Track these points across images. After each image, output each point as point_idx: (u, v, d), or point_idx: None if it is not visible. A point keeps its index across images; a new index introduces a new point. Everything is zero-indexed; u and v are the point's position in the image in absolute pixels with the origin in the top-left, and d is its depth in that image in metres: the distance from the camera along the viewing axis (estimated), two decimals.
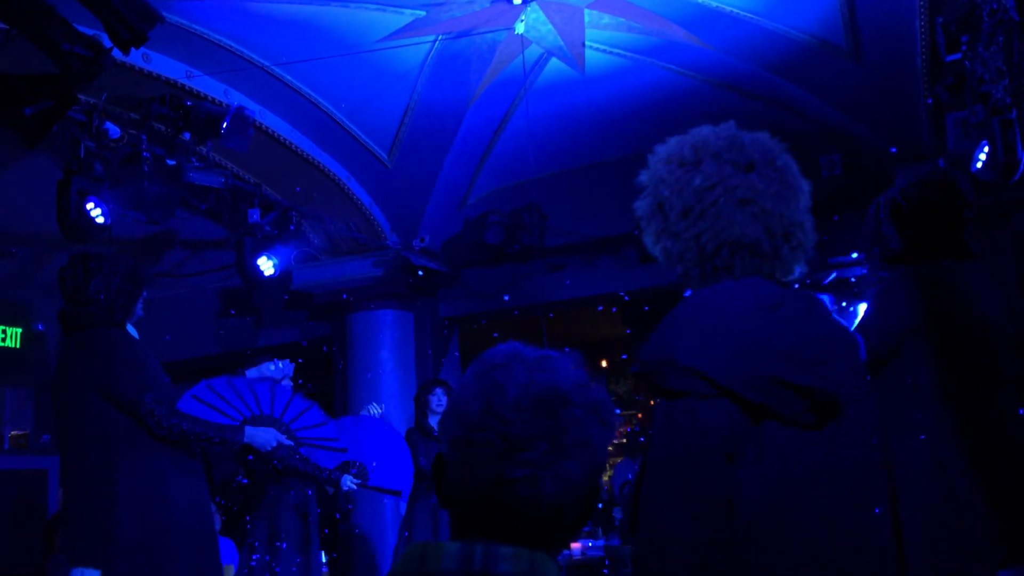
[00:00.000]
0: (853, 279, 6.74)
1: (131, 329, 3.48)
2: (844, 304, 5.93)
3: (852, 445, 1.59)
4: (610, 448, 1.20)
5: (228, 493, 7.23)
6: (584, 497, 1.12)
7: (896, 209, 2.98)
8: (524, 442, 1.07)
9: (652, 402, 1.70)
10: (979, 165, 5.04)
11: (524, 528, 1.09)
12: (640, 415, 11.94)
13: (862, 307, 6.10)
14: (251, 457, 4.97)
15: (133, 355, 3.35)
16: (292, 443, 3.82)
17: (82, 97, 5.13)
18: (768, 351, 1.53)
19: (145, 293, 3.55)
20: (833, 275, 6.99)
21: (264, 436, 3.63)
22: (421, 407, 5.95)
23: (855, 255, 6.79)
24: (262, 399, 3.97)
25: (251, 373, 4.13)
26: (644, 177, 1.72)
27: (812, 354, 1.54)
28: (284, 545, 5.07)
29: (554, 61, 6.22)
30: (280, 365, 4.23)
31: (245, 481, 6.18)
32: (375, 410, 5.86)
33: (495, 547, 1.07)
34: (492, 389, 1.10)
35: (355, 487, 5.22)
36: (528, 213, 7.15)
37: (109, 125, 5.33)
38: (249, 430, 3.56)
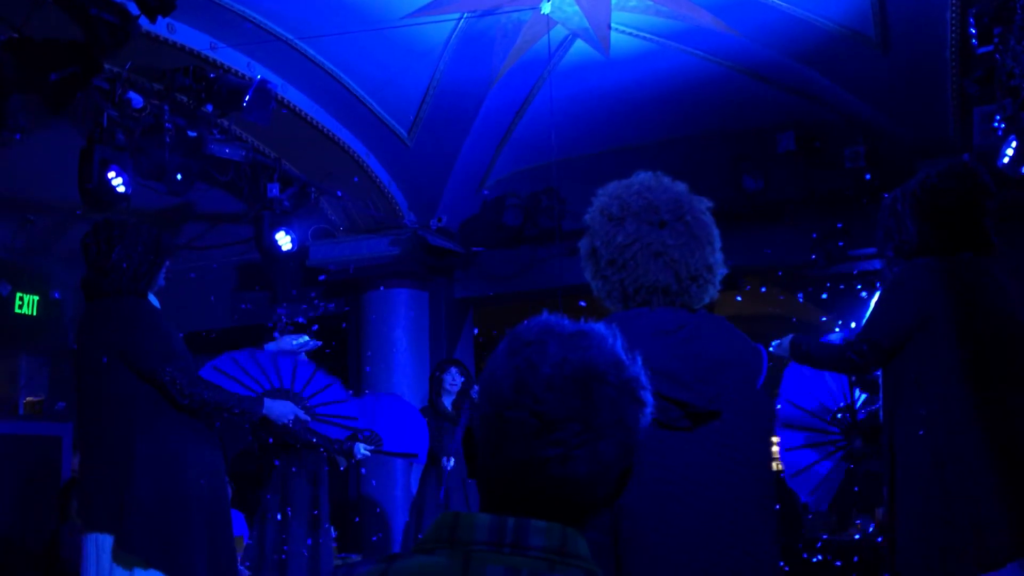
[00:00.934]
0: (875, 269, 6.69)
1: (152, 299, 3.49)
2: (865, 294, 5.90)
3: (727, 447, 1.87)
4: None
5: (239, 465, 7.27)
6: (617, 475, 1.12)
7: (916, 202, 2.94)
8: (557, 422, 1.06)
9: None
10: (1006, 160, 4.98)
11: (555, 505, 1.07)
12: None
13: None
14: (270, 440, 5.00)
15: (155, 324, 3.36)
16: (308, 418, 3.81)
17: (106, 66, 5.12)
18: (650, 369, 1.74)
19: (168, 263, 3.55)
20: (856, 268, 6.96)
21: (282, 409, 3.63)
22: (435, 386, 5.95)
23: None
24: (283, 373, 3.97)
25: (270, 347, 4.14)
26: (587, 218, 2.05)
27: (691, 374, 1.85)
28: (295, 518, 5.09)
29: (579, 43, 6.18)
30: (301, 340, 4.24)
31: (257, 453, 6.19)
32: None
33: (527, 520, 1.06)
34: (525, 367, 1.08)
35: (368, 454, 5.24)
36: (547, 196, 7.12)
37: (132, 94, 5.33)
38: (267, 402, 3.56)
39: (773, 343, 3.10)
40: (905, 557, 2.80)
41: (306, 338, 4.19)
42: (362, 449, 5.16)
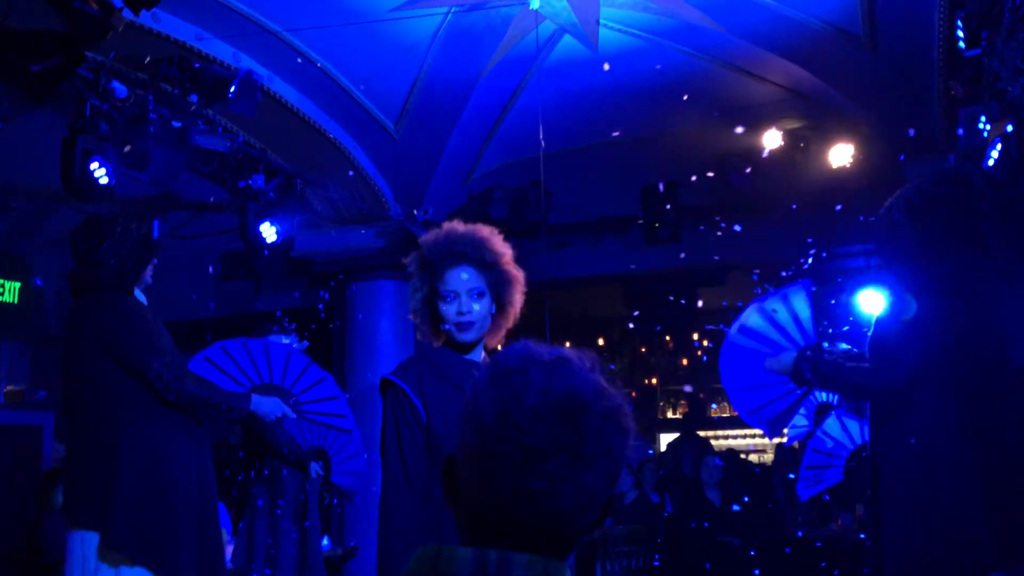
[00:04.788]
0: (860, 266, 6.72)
1: (139, 295, 3.47)
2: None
3: None
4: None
5: (223, 458, 7.24)
6: (602, 504, 1.11)
7: (912, 209, 2.92)
8: (544, 453, 1.04)
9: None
10: (991, 162, 5.00)
11: (540, 537, 1.06)
12: (634, 393, 11.98)
13: (862, 296, 6.05)
14: (240, 454, 4.94)
15: (141, 320, 3.35)
16: (294, 415, 3.77)
17: (89, 55, 5.06)
18: None
19: (156, 260, 3.55)
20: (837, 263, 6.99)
21: (270, 406, 3.59)
22: None
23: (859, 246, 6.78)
24: (275, 367, 3.91)
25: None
26: None
27: None
28: (283, 514, 5.08)
29: (567, 38, 6.15)
30: (288, 341, 4.21)
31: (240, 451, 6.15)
32: None
33: (509, 554, 1.04)
34: (509, 397, 1.06)
35: (318, 475, 5.15)
36: (534, 190, 7.10)
37: (116, 84, 5.27)
38: (255, 398, 3.53)
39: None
40: (890, 567, 2.81)
41: (294, 339, 4.15)
42: (314, 470, 5.09)
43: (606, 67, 6.13)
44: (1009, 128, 4.77)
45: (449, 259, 2.53)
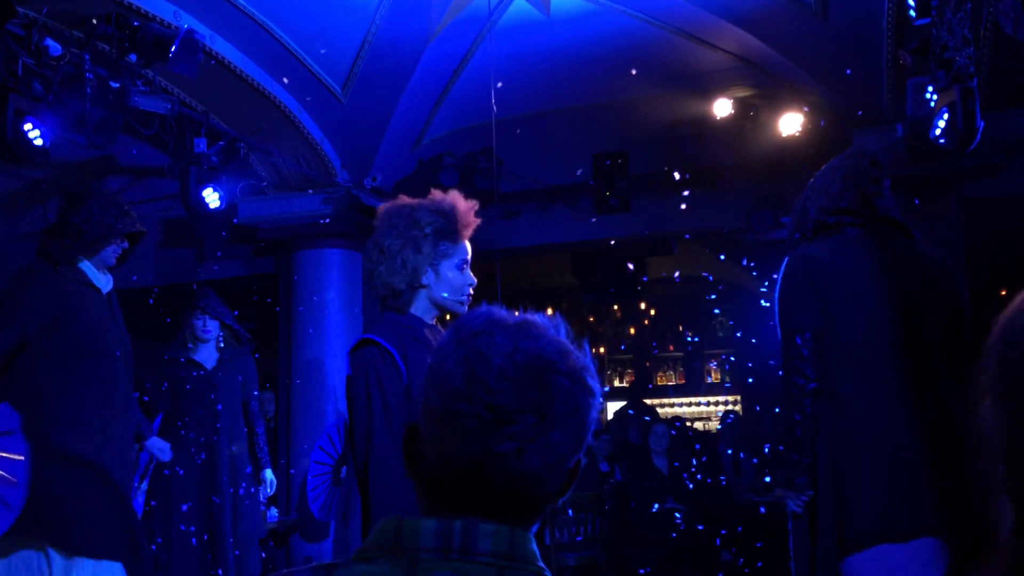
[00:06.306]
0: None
1: (89, 268, 3.37)
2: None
3: None
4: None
5: None
6: (570, 468, 1.08)
7: (819, 185, 2.98)
8: (512, 414, 1.02)
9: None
10: (937, 132, 5.05)
11: (506, 502, 1.04)
12: None
13: None
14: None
15: (29, 293, 3.23)
16: None
17: (20, 10, 4.85)
18: None
19: (126, 244, 3.47)
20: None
21: None
22: None
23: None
24: None
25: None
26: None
27: None
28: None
29: (519, 1, 6.06)
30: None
31: None
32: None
33: (475, 523, 1.02)
34: (475, 358, 1.04)
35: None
36: (484, 157, 7.03)
37: (50, 42, 5.05)
38: None
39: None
40: (792, 536, 2.84)
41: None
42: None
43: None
44: (955, 98, 4.83)
45: (467, 231, 2.64)
